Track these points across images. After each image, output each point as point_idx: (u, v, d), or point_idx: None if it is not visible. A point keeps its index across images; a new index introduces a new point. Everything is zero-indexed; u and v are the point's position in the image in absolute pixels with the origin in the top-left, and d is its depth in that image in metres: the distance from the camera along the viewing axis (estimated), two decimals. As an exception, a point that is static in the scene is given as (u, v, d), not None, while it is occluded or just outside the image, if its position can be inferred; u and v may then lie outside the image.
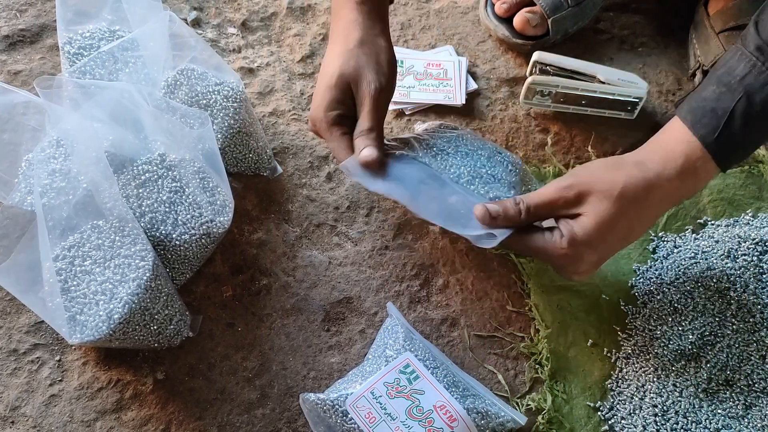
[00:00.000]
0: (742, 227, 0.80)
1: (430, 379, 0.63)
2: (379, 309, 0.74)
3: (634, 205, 0.62)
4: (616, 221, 0.62)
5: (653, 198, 0.63)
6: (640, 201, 0.62)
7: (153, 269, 0.63)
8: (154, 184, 0.67)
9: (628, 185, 0.62)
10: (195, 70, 0.75)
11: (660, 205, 0.64)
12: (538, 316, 0.74)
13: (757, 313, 0.72)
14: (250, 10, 0.95)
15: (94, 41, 0.76)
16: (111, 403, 0.66)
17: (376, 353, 0.66)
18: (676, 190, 0.63)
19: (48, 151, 0.70)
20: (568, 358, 0.72)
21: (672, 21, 1.01)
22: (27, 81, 0.84)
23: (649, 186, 0.62)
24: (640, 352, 0.72)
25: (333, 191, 0.82)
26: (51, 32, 0.88)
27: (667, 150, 0.64)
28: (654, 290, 0.76)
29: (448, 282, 0.76)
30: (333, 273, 0.76)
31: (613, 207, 0.61)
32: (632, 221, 0.63)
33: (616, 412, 0.69)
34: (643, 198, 0.62)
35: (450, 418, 0.60)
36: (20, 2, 0.90)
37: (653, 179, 0.62)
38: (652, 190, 0.62)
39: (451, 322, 0.73)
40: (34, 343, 0.68)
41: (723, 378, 0.70)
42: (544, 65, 0.88)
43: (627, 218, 0.62)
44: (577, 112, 0.88)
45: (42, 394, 0.66)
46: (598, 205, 0.62)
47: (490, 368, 0.71)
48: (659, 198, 0.63)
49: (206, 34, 0.92)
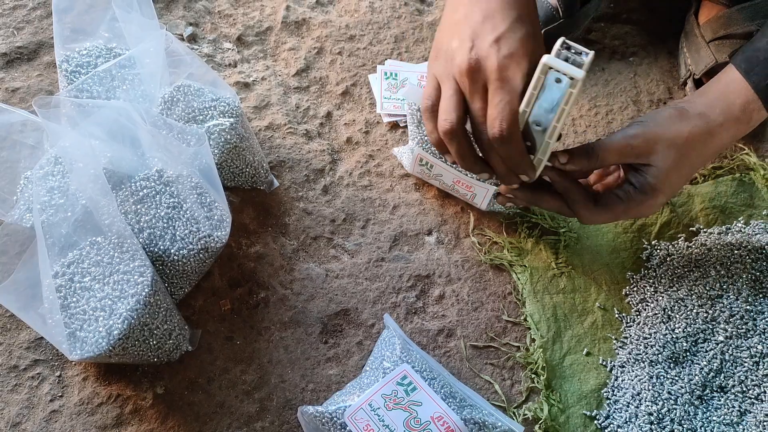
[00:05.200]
0: (735, 235, 0.81)
1: (427, 391, 0.63)
2: (376, 321, 0.74)
3: (697, 152, 0.69)
4: (682, 167, 0.68)
5: (713, 144, 0.69)
6: (703, 148, 0.69)
7: (152, 285, 0.64)
8: (152, 200, 0.68)
9: (693, 135, 0.68)
10: (191, 87, 0.75)
11: (718, 149, 0.70)
12: (534, 326, 0.74)
13: (750, 320, 0.73)
14: (245, 25, 0.96)
15: (92, 59, 0.77)
16: (111, 418, 0.66)
17: (374, 365, 0.67)
18: (732, 136, 0.70)
19: (46, 168, 0.71)
20: (564, 367, 0.72)
21: (663, 30, 1.02)
22: (25, 98, 0.84)
23: (710, 134, 0.68)
24: (635, 360, 0.72)
25: (329, 204, 0.82)
26: (48, 50, 0.89)
27: (727, 102, 0.69)
28: (648, 298, 0.76)
29: (444, 293, 0.77)
30: (330, 285, 0.76)
31: (679, 155, 0.68)
32: (694, 165, 0.70)
33: (612, 421, 0.69)
34: (704, 145, 0.69)
35: (447, 429, 0.61)
36: (17, 20, 0.91)
37: (715, 129, 0.68)
38: (713, 138, 0.69)
39: (448, 333, 0.74)
40: (34, 359, 0.69)
41: (717, 384, 0.71)
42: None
43: (690, 163, 0.69)
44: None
45: (42, 410, 0.66)
46: (666, 154, 0.67)
47: (486, 378, 0.72)
48: (718, 144, 0.69)
49: (202, 49, 0.93)
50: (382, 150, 0.87)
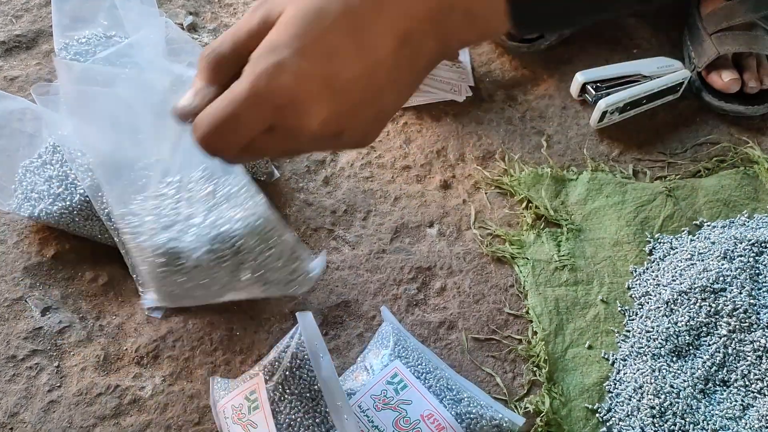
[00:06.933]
0: (738, 228, 0.80)
1: (418, 388, 0.63)
2: (376, 313, 0.74)
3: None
4: (326, 11, 0.40)
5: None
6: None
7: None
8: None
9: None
10: (191, 75, 0.75)
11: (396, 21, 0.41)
12: (536, 319, 0.74)
13: (753, 314, 0.72)
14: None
15: (90, 47, 0.76)
16: (110, 408, 0.66)
17: (365, 363, 0.66)
18: (414, 18, 0.41)
19: (45, 157, 0.70)
20: (566, 360, 0.72)
21: (665, 23, 1.01)
22: (23, 87, 0.84)
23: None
24: (638, 353, 0.72)
25: (330, 195, 0.82)
26: (47, 38, 0.88)
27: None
28: (650, 291, 0.76)
29: (445, 285, 0.76)
30: (330, 277, 0.76)
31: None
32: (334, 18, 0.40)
33: (614, 414, 0.69)
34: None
35: (438, 427, 0.60)
36: (16, 8, 0.90)
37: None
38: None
39: (449, 325, 0.74)
40: (32, 349, 0.68)
41: (720, 378, 0.70)
42: (593, 83, 0.89)
43: (349, 13, 0.40)
44: (637, 113, 0.91)
45: (41, 400, 0.66)
46: (293, 3, 0.41)
47: (488, 371, 0.71)
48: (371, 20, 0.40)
49: (202, 38, 0.92)
50: (383, 141, 0.86)
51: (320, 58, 0.40)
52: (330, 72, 0.41)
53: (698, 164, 0.88)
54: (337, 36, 0.40)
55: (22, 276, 0.72)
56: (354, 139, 0.45)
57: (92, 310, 0.71)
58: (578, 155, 0.87)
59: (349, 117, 0.43)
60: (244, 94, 0.41)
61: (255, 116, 0.41)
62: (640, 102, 0.89)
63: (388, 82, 0.43)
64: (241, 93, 0.41)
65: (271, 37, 0.41)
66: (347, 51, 0.41)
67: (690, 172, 0.87)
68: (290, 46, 0.40)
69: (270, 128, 0.42)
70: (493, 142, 0.87)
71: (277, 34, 0.41)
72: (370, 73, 0.42)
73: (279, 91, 0.40)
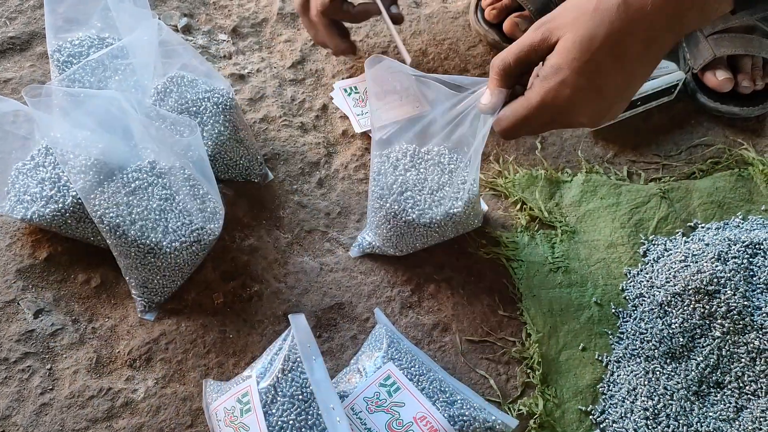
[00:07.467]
0: (732, 230, 0.80)
1: (411, 390, 0.62)
2: (370, 315, 0.74)
3: (611, 22, 0.53)
4: (593, 37, 0.54)
5: (631, 13, 0.53)
6: (618, 20, 0.54)
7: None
8: (144, 191, 0.67)
9: (604, 2, 0.54)
10: (185, 77, 0.75)
11: (641, 23, 0.54)
12: (530, 320, 0.74)
13: (747, 316, 0.72)
14: (240, 17, 0.95)
15: (84, 49, 0.76)
16: (102, 411, 0.66)
17: (358, 365, 0.66)
18: (667, 15, 0.54)
19: (38, 159, 0.70)
20: (560, 362, 0.72)
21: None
22: (17, 89, 0.84)
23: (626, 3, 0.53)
24: (631, 355, 0.72)
25: (324, 197, 0.82)
26: (41, 40, 0.88)
27: None
28: (644, 293, 0.76)
29: (439, 287, 0.76)
30: (324, 279, 0.76)
31: (586, 26, 0.54)
32: (612, 37, 0.54)
33: (607, 416, 0.69)
34: (621, 15, 0.53)
35: (431, 429, 0.60)
36: (10, 10, 0.90)
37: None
38: (630, 6, 0.53)
39: (443, 327, 0.73)
40: (24, 352, 0.68)
41: (713, 380, 0.70)
42: None
43: (605, 33, 0.54)
44: (632, 115, 0.91)
45: (33, 403, 0.66)
46: (570, 29, 0.55)
47: (481, 373, 0.71)
48: (638, 15, 0.53)
49: (197, 40, 0.92)
50: (377, 143, 0.86)
51: (591, 74, 0.55)
52: (598, 84, 0.55)
53: (693, 166, 0.88)
54: (603, 55, 0.54)
55: (14, 278, 0.71)
56: (605, 121, 0.60)
57: (85, 313, 0.71)
58: (573, 157, 0.87)
59: (608, 110, 0.58)
60: (536, 103, 0.57)
61: (542, 118, 0.58)
62: (634, 104, 0.89)
63: (637, 78, 0.57)
64: (533, 102, 0.57)
65: (557, 61, 0.55)
66: (610, 65, 0.55)
67: (684, 173, 0.87)
68: (570, 67, 0.55)
69: (549, 121, 0.59)
70: (487, 144, 0.87)
71: (560, 58, 0.55)
72: (626, 77, 0.56)
73: (561, 101, 0.56)
